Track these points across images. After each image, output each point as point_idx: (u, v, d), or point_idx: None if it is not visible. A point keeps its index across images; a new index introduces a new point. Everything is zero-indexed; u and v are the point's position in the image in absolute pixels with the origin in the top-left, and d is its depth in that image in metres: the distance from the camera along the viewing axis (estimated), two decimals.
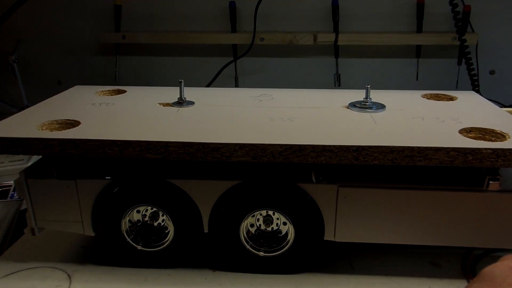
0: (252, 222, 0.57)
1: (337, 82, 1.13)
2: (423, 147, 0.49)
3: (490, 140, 0.51)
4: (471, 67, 1.03)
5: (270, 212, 0.56)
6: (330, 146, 0.49)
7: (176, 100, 0.65)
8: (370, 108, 0.62)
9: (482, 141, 0.50)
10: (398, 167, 0.53)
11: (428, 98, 0.69)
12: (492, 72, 1.13)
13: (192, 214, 0.55)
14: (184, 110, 0.62)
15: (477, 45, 1.08)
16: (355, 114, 0.60)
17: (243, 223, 0.55)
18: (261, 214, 0.57)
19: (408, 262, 0.58)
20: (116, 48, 1.16)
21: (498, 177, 0.51)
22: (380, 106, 0.63)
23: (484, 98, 0.69)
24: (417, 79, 1.13)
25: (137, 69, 1.20)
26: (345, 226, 0.54)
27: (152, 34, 1.13)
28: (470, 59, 1.03)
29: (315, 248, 0.55)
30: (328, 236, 0.55)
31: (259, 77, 1.18)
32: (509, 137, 0.51)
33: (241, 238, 0.56)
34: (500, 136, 0.52)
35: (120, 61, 1.18)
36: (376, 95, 0.67)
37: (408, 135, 0.52)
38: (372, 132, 0.53)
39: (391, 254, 0.60)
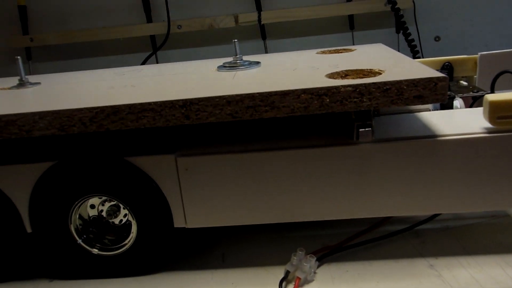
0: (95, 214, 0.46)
1: None
2: (266, 92, 0.38)
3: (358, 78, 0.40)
4: (407, 32, 0.92)
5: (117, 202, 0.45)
6: (150, 103, 0.39)
7: (17, 82, 0.55)
8: (241, 65, 0.51)
9: (341, 80, 0.39)
10: (252, 125, 0.42)
11: (323, 53, 0.58)
12: (437, 39, 1.02)
13: (7, 211, 0.44)
14: (22, 91, 0.52)
15: (414, 9, 0.98)
16: (218, 74, 0.50)
17: (74, 216, 0.44)
18: (103, 204, 0.46)
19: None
20: (27, 53, 1.07)
21: (368, 123, 0.39)
22: (254, 64, 0.52)
23: (392, 49, 0.58)
24: None
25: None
26: (195, 207, 0.43)
27: (60, 34, 1.04)
28: (405, 23, 0.92)
29: (166, 239, 0.44)
30: (179, 222, 0.43)
31: None
32: (383, 73, 0.40)
33: (73, 236, 0.45)
34: (376, 74, 0.41)
35: (36, 68, 1.08)
36: (265, 58, 0.57)
37: (258, 85, 0.41)
38: (214, 86, 0.43)
39: (273, 241, 0.49)
